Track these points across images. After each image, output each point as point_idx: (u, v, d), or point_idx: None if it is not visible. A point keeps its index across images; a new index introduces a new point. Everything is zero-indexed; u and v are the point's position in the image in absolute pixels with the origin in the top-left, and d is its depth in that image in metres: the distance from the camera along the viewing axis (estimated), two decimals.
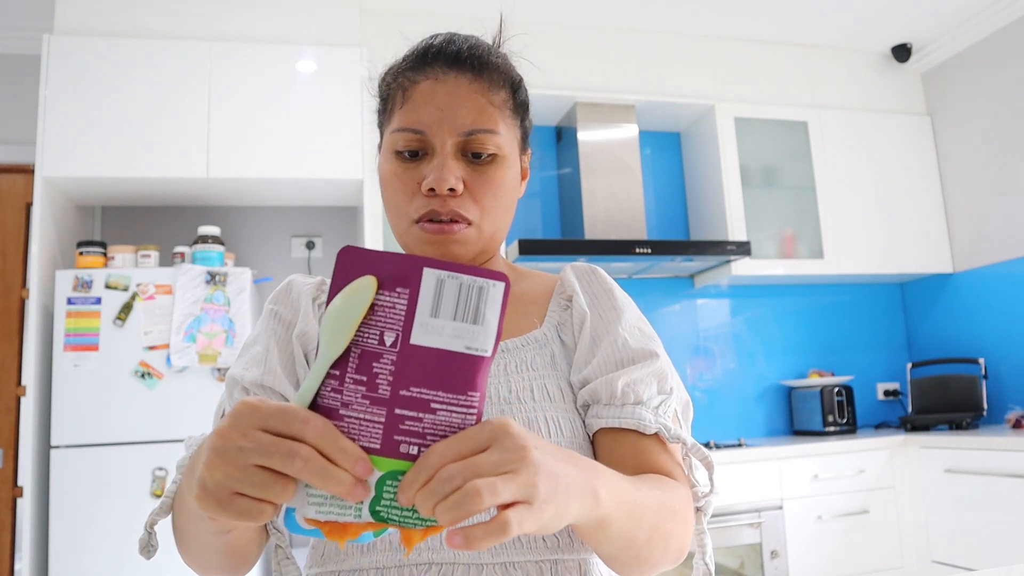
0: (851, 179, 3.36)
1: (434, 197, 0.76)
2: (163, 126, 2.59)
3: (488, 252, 0.82)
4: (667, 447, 0.74)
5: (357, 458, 0.45)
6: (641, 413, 0.73)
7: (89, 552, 2.25)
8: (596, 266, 0.87)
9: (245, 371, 0.78)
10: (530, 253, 2.78)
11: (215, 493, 0.45)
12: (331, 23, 2.83)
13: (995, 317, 3.22)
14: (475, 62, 0.78)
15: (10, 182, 2.98)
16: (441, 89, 0.77)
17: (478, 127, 0.76)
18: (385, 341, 0.48)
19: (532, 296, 0.86)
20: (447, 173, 0.74)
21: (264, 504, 0.45)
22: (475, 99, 0.77)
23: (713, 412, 3.34)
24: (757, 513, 2.67)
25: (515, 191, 0.83)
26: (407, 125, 0.77)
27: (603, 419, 0.74)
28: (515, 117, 0.82)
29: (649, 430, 0.72)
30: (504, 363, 0.78)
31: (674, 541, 0.67)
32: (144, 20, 2.69)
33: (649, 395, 0.75)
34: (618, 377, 0.74)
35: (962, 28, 3.33)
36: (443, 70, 0.78)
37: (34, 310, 2.40)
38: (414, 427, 0.48)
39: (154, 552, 0.71)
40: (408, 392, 0.48)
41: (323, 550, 0.75)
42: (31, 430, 2.30)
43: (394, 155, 0.78)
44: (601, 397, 0.74)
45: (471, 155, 0.77)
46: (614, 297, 0.83)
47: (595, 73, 3.18)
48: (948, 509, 2.73)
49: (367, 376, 0.48)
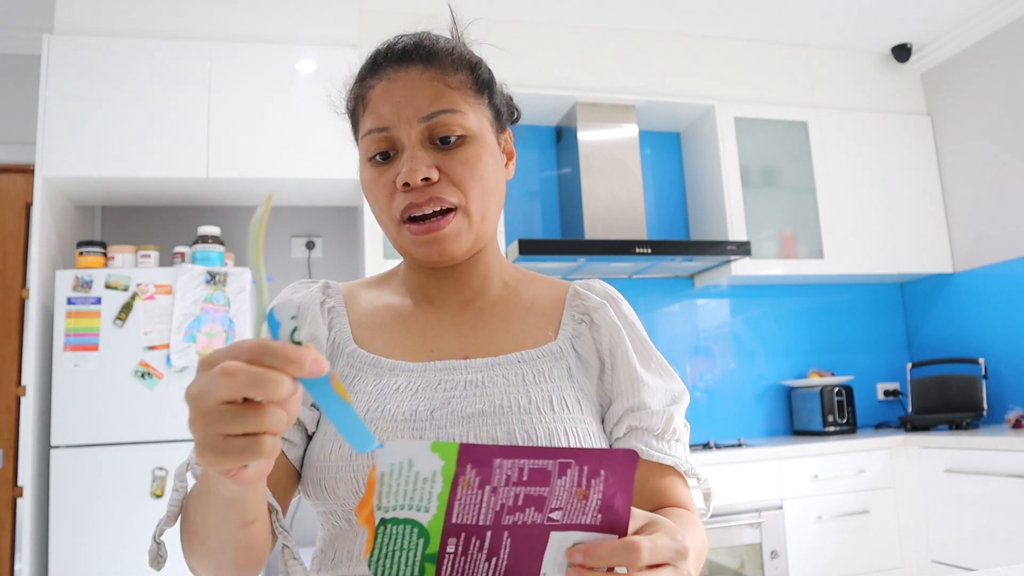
0: (851, 179, 3.36)
1: (411, 190, 0.76)
2: (163, 126, 2.59)
3: (482, 239, 0.81)
4: (686, 481, 0.82)
5: (289, 357, 0.44)
6: (679, 452, 0.80)
7: (89, 552, 2.25)
8: (616, 291, 0.89)
9: None
10: (530, 253, 2.78)
11: (208, 443, 0.45)
12: (331, 23, 2.83)
13: (995, 317, 3.22)
14: (423, 52, 0.79)
15: (10, 182, 2.98)
16: (395, 86, 0.78)
17: (436, 109, 0.77)
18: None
19: (544, 305, 0.86)
20: (416, 163, 0.75)
21: (256, 437, 0.45)
22: (430, 85, 0.78)
23: (713, 412, 3.34)
24: (757, 513, 2.67)
25: (498, 172, 0.82)
26: (370, 127, 0.78)
27: (652, 451, 0.79)
28: (479, 96, 0.81)
29: (681, 468, 0.80)
30: (522, 373, 0.77)
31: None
32: (144, 20, 2.69)
33: (682, 431, 0.82)
34: (675, 412, 0.80)
35: (962, 28, 3.33)
36: (394, 69, 0.79)
37: (34, 310, 2.40)
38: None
39: (163, 563, 0.71)
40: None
41: (333, 554, 0.75)
42: (31, 430, 2.30)
43: (368, 163, 0.79)
44: (655, 428, 0.79)
45: (439, 141, 0.77)
46: (640, 331, 0.86)
47: (595, 73, 3.18)
48: (948, 509, 2.73)
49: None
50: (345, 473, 0.72)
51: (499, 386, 0.76)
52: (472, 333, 0.82)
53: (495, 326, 0.83)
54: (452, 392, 0.75)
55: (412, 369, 0.78)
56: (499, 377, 0.76)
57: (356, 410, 0.74)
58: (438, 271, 0.84)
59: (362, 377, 0.78)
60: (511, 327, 0.83)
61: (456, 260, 0.80)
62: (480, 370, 0.77)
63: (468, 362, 0.78)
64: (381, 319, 0.84)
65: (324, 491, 0.73)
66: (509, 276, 0.89)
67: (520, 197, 3.30)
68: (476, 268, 0.85)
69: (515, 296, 0.87)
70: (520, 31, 3.11)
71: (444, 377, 0.77)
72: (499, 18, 3.06)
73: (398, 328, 0.83)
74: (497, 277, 0.87)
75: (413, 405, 0.74)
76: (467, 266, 0.84)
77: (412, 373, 0.77)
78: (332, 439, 0.74)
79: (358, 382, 0.78)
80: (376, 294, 0.88)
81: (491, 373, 0.77)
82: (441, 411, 0.73)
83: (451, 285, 0.85)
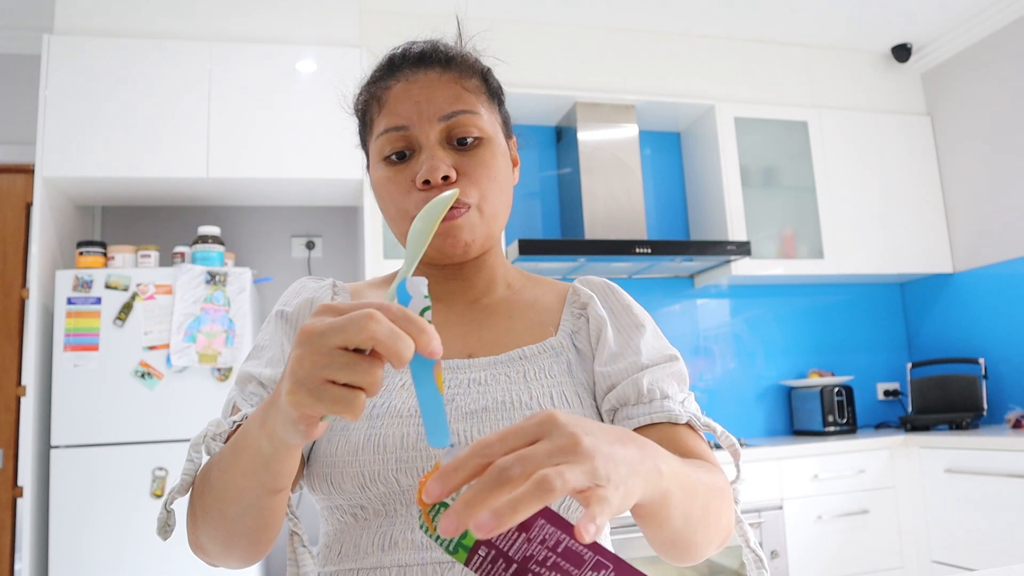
0: (851, 179, 3.36)
1: (430, 189, 0.77)
2: (163, 126, 2.59)
3: (491, 239, 0.83)
4: (698, 435, 0.77)
5: (422, 328, 0.46)
6: (670, 406, 0.76)
7: (89, 552, 2.25)
8: (612, 282, 0.89)
9: (264, 368, 0.78)
10: (530, 253, 2.78)
11: (307, 383, 0.46)
12: (331, 23, 2.83)
13: (995, 317, 3.22)
14: (441, 56, 0.81)
15: (10, 182, 2.98)
16: (414, 87, 0.79)
17: (456, 109, 0.78)
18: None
19: (545, 304, 0.87)
20: (438, 162, 0.76)
21: (354, 391, 0.46)
22: (449, 87, 0.79)
23: (713, 412, 3.34)
24: (757, 513, 2.67)
25: (509, 176, 0.84)
26: (388, 125, 0.79)
27: (635, 419, 0.75)
28: (491, 102, 0.84)
29: (681, 419, 0.75)
30: (524, 370, 0.79)
31: (723, 519, 0.69)
32: (144, 20, 2.69)
33: (673, 391, 0.78)
34: (642, 377, 0.77)
35: (962, 28, 3.33)
36: (412, 70, 0.80)
37: (34, 310, 2.40)
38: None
39: (171, 532, 0.71)
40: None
41: (339, 549, 0.75)
42: (31, 430, 2.30)
43: (383, 162, 0.80)
44: (629, 398, 0.77)
45: (456, 142, 0.78)
46: (633, 313, 0.85)
47: (595, 73, 3.18)
48: (948, 509, 2.73)
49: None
50: (351, 468, 0.73)
51: (501, 383, 0.77)
52: (476, 332, 0.83)
53: (498, 324, 0.84)
54: (456, 389, 0.77)
55: None
56: (501, 375, 0.78)
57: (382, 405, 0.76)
58: (445, 270, 0.85)
59: None
60: (513, 325, 0.84)
61: (468, 256, 0.81)
62: (483, 368, 0.79)
63: (472, 361, 0.79)
64: None
65: (331, 486, 0.74)
66: (512, 278, 0.90)
67: (520, 197, 3.30)
68: (482, 269, 0.86)
69: (518, 296, 0.88)
70: (520, 31, 3.11)
71: (448, 376, 0.78)
72: (499, 18, 3.06)
73: None
74: (501, 279, 0.89)
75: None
76: (473, 266, 0.85)
77: None
78: (339, 435, 0.75)
79: None
80: (382, 293, 0.89)
81: (494, 371, 0.78)
82: (446, 407, 0.74)
83: (457, 285, 0.86)
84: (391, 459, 0.72)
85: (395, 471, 0.72)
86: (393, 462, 0.72)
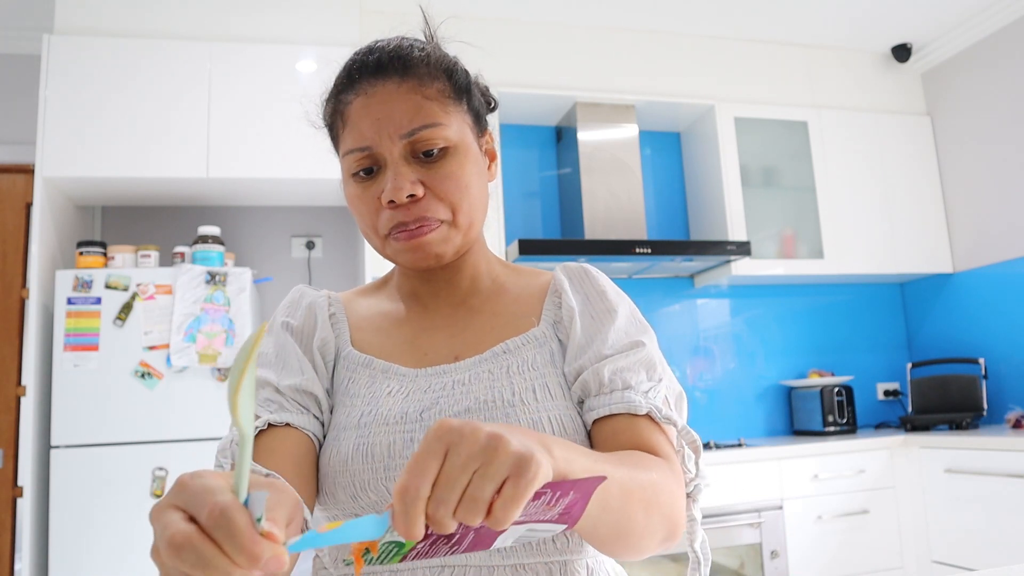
0: (851, 179, 3.36)
1: (397, 208, 0.76)
2: (163, 126, 2.59)
3: (468, 243, 0.82)
4: (660, 428, 0.74)
5: (241, 548, 0.40)
6: (630, 396, 0.73)
7: (89, 552, 2.25)
8: (589, 266, 0.87)
9: (279, 376, 0.78)
10: (530, 253, 2.78)
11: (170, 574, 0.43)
12: (331, 23, 2.83)
13: (995, 317, 3.22)
14: (398, 64, 0.78)
15: (10, 182, 2.98)
16: (372, 101, 0.77)
17: (416, 125, 0.76)
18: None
19: (528, 294, 0.87)
20: (401, 181, 0.75)
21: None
22: (408, 99, 0.77)
23: (713, 412, 3.34)
24: (757, 513, 2.67)
25: (481, 177, 0.82)
26: (352, 146, 0.78)
27: (595, 410, 0.74)
28: (457, 103, 0.80)
29: (640, 411, 0.72)
30: (507, 365, 0.78)
31: (661, 514, 0.65)
32: (144, 20, 2.69)
33: (637, 381, 0.75)
34: (604, 366, 0.75)
35: (962, 28, 3.33)
36: (370, 83, 0.78)
37: (34, 310, 2.40)
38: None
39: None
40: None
41: (336, 554, 0.77)
42: (31, 430, 2.30)
43: (352, 178, 0.80)
44: (591, 388, 0.75)
45: (422, 155, 0.76)
46: (607, 299, 0.83)
47: (595, 73, 3.18)
48: (948, 509, 2.73)
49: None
50: (342, 478, 0.73)
51: (484, 381, 0.77)
52: (462, 333, 0.83)
53: (483, 322, 0.84)
54: (440, 393, 0.77)
55: (404, 374, 0.80)
56: (484, 372, 0.78)
57: (351, 416, 0.76)
58: (427, 273, 0.85)
59: (356, 379, 0.80)
60: (497, 321, 0.84)
61: (443, 263, 0.81)
62: (468, 369, 0.79)
63: (457, 364, 0.80)
64: (377, 325, 0.86)
65: (326, 495, 0.75)
66: (497, 273, 0.90)
67: (520, 197, 3.30)
68: (464, 268, 0.86)
69: (503, 291, 0.88)
70: (520, 31, 3.10)
71: (434, 381, 0.78)
72: (499, 18, 3.06)
73: (392, 333, 0.85)
74: (485, 275, 0.88)
75: (404, 407, 0.76)
76: (455, 267, 0.85)
77: (404, 378, 0.79)
78: (330, 445, 0.76)
79: (352, 384, 0.80)
80: (372, 301, 0.90)
81: (477, 370, 0.78)
82: (430, 411, 0.75)
83: (441, 287, 0.86)
84: (379, 467, 0.72)
85: (384, 479, 0.72)
86: (382, 470, 0.72)
